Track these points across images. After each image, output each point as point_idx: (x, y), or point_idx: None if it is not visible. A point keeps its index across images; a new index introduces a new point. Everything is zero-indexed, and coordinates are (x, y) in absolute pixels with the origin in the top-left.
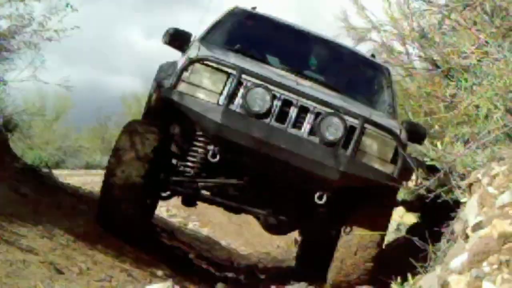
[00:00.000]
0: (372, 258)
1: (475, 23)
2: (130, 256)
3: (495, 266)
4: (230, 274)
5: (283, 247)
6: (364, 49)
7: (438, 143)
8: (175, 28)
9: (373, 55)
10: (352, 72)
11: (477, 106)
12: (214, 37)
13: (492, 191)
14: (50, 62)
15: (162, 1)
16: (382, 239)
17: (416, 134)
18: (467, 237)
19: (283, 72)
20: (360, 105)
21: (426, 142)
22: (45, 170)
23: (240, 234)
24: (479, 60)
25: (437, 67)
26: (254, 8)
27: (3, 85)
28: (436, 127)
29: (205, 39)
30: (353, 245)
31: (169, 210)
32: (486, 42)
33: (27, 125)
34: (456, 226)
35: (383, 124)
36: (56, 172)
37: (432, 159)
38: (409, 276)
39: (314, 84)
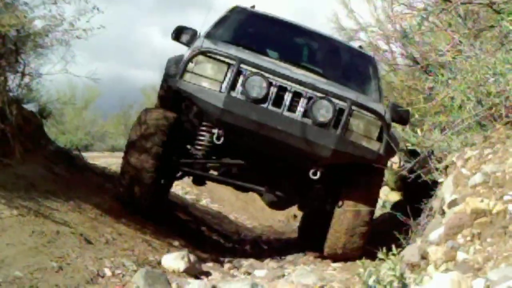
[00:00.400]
0: (363, 233)
1: (450, 25)
2: (150, 229)
3: (468, 238)
4: (237, 245)
5: (283, 221)
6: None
7: (418, 130)
8: (182, 25)
9: (360, 47)
10: (341, 62)
11: (452, 98)
12: (217, 33)
13: (465, 173)
14: (80, 58)
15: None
16: (372, 214)
17: (400, 115)
18: (443, 213)
19: (279, 62)
20: (348, 90)
21: (407, 129)
22: (76, 152)
23: (246, 210)
24: (453, 58)
25: (417, 63)
26: (253, 6)
27: (38, 78)
28: (416, 116)
29: (209, 35)
30: (346, 219)
31: (183, 188)
32: (460, 41)
33: (59, 112)
34: (434, 203)
35: (369, 106)
36: (85, 154)
37: (413, 144)
38: (393, 247)
39: (307, 72)
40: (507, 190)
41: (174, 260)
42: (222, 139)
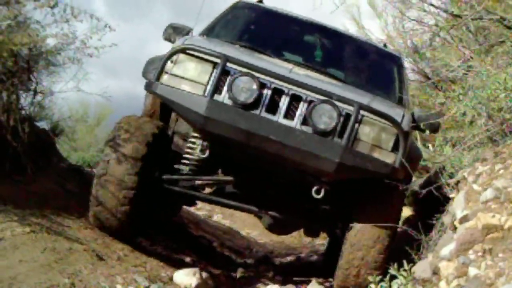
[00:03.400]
0: (379, 262)
1: (461, 41)
2: (162, 244)
3: (480, 254)
4: (249, 260)
5: (295, 236)
6: None
7: (430, 146)
8: (174, 23)
9: (385, 45)
10: (359, 62)
11: (463, 113)
12: (214, 31)
13: (477, 188)
14: (93, 75)
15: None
16: (390, 238)
17: (428, 123)
18: (455, 228)
19: (280, 62)
20: (362, 92)
21: (419, 144)
22: (87, 169)
23: (258, 225)
24: (464, 73)
25: (428, 79)
26: (260, 1)
27: (50, 95)
28: (427, 131)
29: (205, 33)
30: (359, 246)
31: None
32: (471, 57)
33: (71, 130)
34: (445, 218)
35: (381, 110)
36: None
37: (424, 160)
38: (405, 262)
39: (314, 73)
40: None
41: (186, 276)
42: (207, 152)
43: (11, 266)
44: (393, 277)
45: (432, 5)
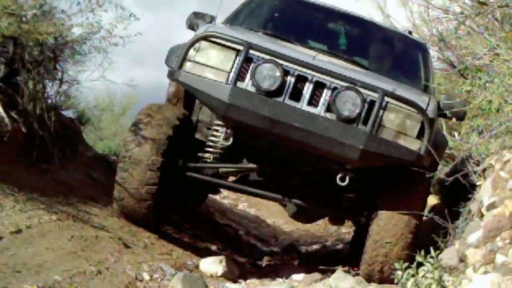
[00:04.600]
0: (407, 246)
1: (487, 29)
2: (188, 233)
3: (507, 241)
4: (274, 249)
5: (320, 224)
6: None
7: (456, 134)
8: (196, 11)
9: (410, 32)
10: (383, 49)
11: (489, 101)
12: (238, 19)
13: (504, 175)
14: (119, 64)
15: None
16: (416, 226)
17: (454, 110)
18: (482, 215)
19: (303, 49)
20: (386, 79)
21: (445, 132)
22: (113, 157)
23: (284, 214)
24: (490, 61)
25: (454, 67)
26: None
27: (76, 85)
28: (454, 119)
29: (228, 20)
30: (384, 234)
31: (221, 192)
32: (497, 45)
33: (97, 119)
34: (472, 206)
35: (406, 97)
36: None
37: (451, 148)
38: (432, 250)
39: (339, 60)
40: None
41: (212, 264)
42: (231, 139)
43: (38, 254)
44: (420, 264)
45: None
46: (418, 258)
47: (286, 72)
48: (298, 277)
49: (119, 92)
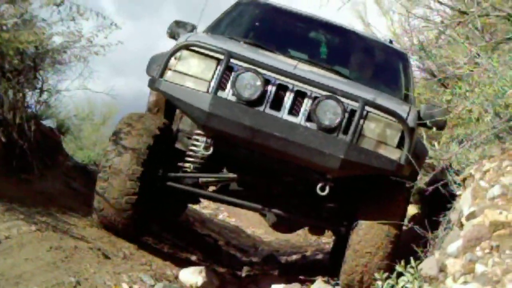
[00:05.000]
0: (387, 256)
1: (467, 38)
2: (168, 243)
3: (487, 251)
4: (254, 259)
5: (301, 234)
6: None
7: (436, 143)
8: (178, 20)
9: (390, 41)
10: (365, 58)
11: (469, 111)
12: (219, 28)
13: (484, 185)
14: (101, 73)
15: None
16: (396, 236)
17: (434, 120)
18: (461, 225)
19: (285, 59)
20: (367, 89)
21: (425, 142)
22: (93, 167)
23: (263, 224)
24: (471, 70)
25: (434, 76)
26: None
27: (56, 94)
28: (434, 129)
29: (209, 29)
30: (363, 244)
31: (201, 202)
32: (477, 54)
33: (77, 128)
34: (452, 215)
35: (386, 106)
36: None
37: (430, 157)
38: (412, 260)
39: (319, 69)
40: None
41: (192, 274)
42: (211, 149)
43: (17, 265)
44: (400, 275)
45: (439, 2)
46: (398, 268)
47: (267, 81)
48: (278, 287)
49: (100, 101)
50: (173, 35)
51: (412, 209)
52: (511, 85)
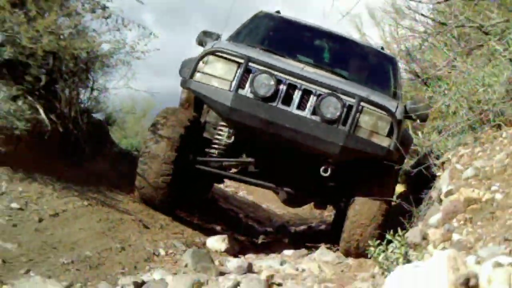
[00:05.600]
0: (378, 227)
1: (446, 45)
2: (197, 216)
3: (462, 222)
4: (268, 229)
5: (307, 209)
6: None
7: (420, 133)
8: (205, 30)
9: (382, 48)
10: (360, 62)
11: (447, 106)
12: (239, 37)
13: (459, 168)
14: (142, 75)
15: (231, 23)
16: (385, 210)
17: (418, 112)
18: (441, 201)
19: (293, 62)
20: (362, 87)
21: (410, 132)
22: (135, 153)
23: (276, 200)
24: (449, 72)
25: (418, 77)
26: (278, 12)
27: (105, 92)
28: (418, 121)
29: (231, 38)
30: (359, 217)
31: (224, 182)
32: (455, 58)
33: (122, 120)
34: (433, 193)
35: (378, 102)
36: None
37: (415, 145)
38: (399, 230)
39: (323, 72)
40: (494, 182)
41: (217, 242)
42: (233, 138)
43: (72, 233)
44: (389, 242)
45: (422, 15)
46: (388, 237)
47: (279, 81)
48: (288, 252)
49: (140, 98)
50: (201, 43)
51: (399, 188)
52: (482, 84)
